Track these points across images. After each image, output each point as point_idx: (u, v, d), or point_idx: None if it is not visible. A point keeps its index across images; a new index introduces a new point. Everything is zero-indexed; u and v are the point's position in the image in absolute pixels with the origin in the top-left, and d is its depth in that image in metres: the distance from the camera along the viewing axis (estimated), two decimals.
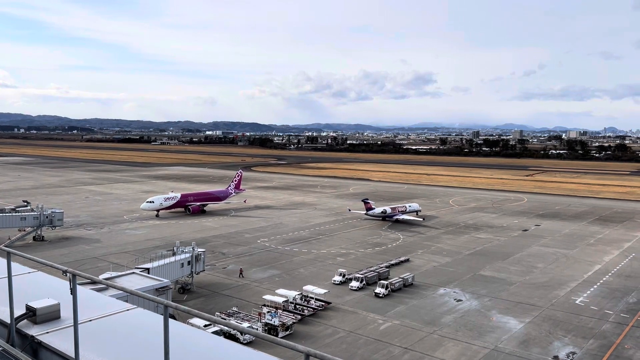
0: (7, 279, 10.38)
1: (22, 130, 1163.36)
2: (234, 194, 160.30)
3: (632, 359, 54.51)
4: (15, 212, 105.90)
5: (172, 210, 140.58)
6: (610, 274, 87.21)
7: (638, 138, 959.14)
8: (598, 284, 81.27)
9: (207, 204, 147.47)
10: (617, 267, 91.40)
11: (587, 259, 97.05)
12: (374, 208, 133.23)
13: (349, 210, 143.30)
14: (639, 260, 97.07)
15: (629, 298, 74.53)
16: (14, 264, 10.94)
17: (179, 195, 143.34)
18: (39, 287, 11.88)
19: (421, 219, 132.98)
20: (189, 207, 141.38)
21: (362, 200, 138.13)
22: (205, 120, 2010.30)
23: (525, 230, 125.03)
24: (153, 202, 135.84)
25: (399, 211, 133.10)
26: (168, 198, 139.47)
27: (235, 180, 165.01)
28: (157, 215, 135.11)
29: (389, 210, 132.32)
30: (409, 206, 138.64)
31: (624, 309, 69.70)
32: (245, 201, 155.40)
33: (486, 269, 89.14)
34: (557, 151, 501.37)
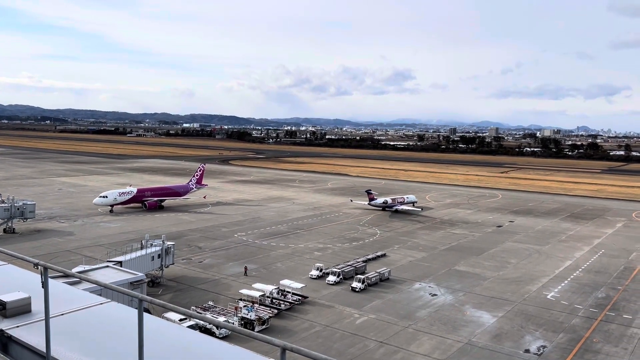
0: None
1: None
2: (195, 189, 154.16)
3: (600, 353, 56.06)
4: None
5: (128, 206, 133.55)
6: (580, 269, 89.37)
7: (609, 137, 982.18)
8: (569, 279, 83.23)
9: (165, 199, 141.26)
10: (587, 263, 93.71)
11: (559, 255, 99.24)
12: (376, 199, 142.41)
13: (351, 200, 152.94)
14: (608, 256, 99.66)
15: (598, 293, 76.52)
16: None
17: (135, 189, 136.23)
18: (9, 281, 11.60)
19: (419, 209, 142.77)
20: (146, 202, 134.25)
21: (366, 191, 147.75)
22: (183, 113, 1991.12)
23: (500, 226, 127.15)
24: (107, 197, 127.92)
25: (398, 202, 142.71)
26: (123, 193, 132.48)
27: (197, 175, 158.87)
28: (111, 211, 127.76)
29: (389, 200, 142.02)
30: (407, 197, 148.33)
31: (593, 304, 71.57)
32: (205, 197, 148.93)
33: (461, 264, 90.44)
34: (532, 149, 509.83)
